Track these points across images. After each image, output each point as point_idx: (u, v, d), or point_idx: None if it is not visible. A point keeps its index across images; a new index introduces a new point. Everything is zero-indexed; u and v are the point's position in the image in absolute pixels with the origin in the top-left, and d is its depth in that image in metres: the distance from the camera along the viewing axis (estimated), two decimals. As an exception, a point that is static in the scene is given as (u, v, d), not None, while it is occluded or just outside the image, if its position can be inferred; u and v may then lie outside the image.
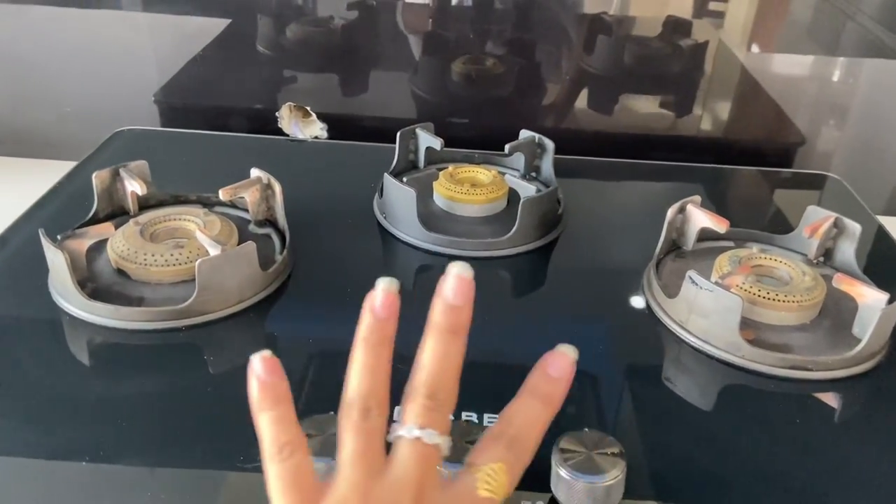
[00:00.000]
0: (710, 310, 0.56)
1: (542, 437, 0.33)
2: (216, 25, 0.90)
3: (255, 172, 0.67)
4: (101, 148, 0.84)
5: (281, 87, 0.94)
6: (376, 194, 0.74)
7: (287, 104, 0.90)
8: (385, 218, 0.71)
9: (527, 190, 0.68)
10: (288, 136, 0.91)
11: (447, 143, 0.76)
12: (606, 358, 0.56)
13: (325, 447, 0.40)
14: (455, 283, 0.33)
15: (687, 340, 0.57)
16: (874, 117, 0.92)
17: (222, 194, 0.64)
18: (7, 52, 0.91)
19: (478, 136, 0.90)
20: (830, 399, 0.54)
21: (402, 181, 0.68)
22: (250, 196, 0.66)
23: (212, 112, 0.94)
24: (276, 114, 0.91)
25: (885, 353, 0.57)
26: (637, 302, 0.63)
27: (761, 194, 0.86)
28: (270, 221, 0.68)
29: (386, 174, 0.69)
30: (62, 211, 0.70)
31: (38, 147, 0.92)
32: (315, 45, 0.92)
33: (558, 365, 0.34)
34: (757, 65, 0.92)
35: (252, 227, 0.68)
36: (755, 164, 0.90)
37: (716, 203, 0.80)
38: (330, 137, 0.91)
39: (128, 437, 0.47)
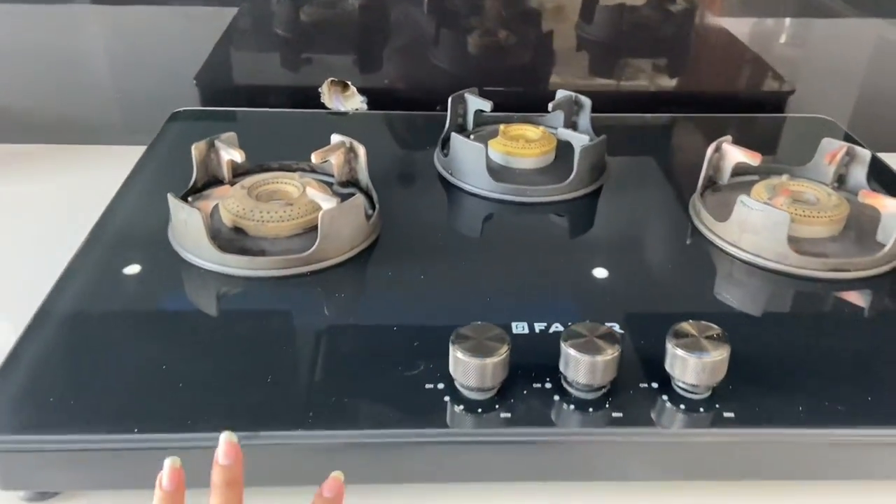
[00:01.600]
0: (760, 227, 0.65)
1: None
2: (230, 11, 0.96)
3: (336, 138, 0.73)
4: (165, 128, 0.89)
5: (313, 65, 1.00)
6: (436, 153, 0.82)
7: (328, 80, 0.97)
8: (451, 174, 0.79)
9: (578, 140, 0.77)
10: (330, 109, 0.97)
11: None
12: (666, 280, 0.65)
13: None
14: (224, 447, 0.39)
15: (739, 256, 0.67)
16: (858, 66, 1.03)
17: (314, 157, 0.70)
18: (53, 45, 0.95)
19: (499, 103, 0.98)
20: (866, 294, 0.64)
21: (469, 137, 0.76)
22: (336, 159, 0.73)
23: (250, 91, 1.00)
24: (319, 89, 0.97)
25: (905, 255, 0.67)
26: (686, 229, 0.72)
27: (768, 136, 0.97)
28: (352, 182, 0.75)
29: (454, 133, 0.77)
30: (158, 184, 0.75)
31: (88, 133, 0.97)
32: (349, 21, 0.98)
33: (330, 485, 0.40)
34: (743, 28, 1.02)
35: (336, 188, 0.75)
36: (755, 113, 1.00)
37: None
38: (370, 109, 0.98)
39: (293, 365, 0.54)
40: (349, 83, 0.97)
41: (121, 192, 0.75)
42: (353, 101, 0.98)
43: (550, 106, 0.83)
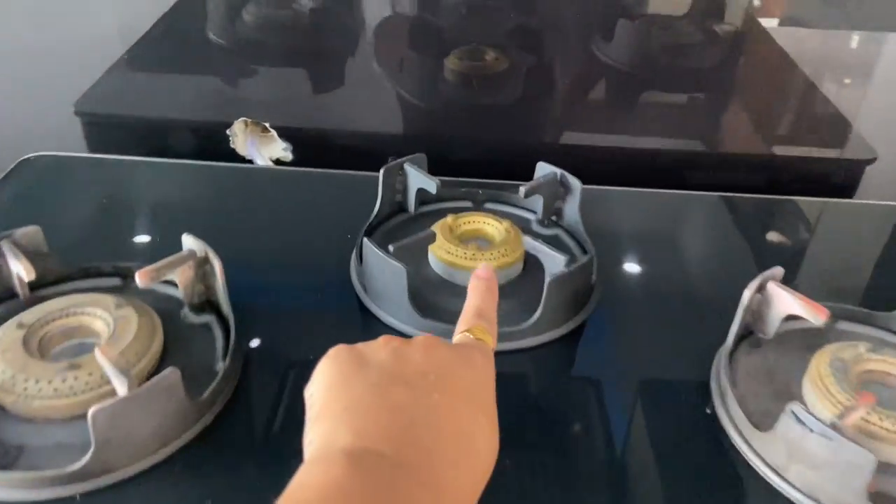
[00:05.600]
0: (822, 461, 0.40)
1: (496, 310, 0.39)
2: (146, 17, 0.71)
3: (187, 243, 0.49)
4: (2, 182, 0.66)
5: (233, 93, 0.75)
6: (353, 255, 0.57)
7: (241, 119, 0.72)
8: (366, 291, 0.54)
9: (550, 261, 0.51)
10: (245, 158, 0.73)
11: (442, 165, 0.60)
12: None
13: None
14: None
15: (786, 495, 0.41)
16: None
17: (139, 279, 0.46)
18: None
19: (481, 156, 0.73)
20: None
21: (387, 251, 0.50)
22: (181, 277, 0.49)
23: (145, 128, 0.75)
24: (228, 131, 0.73)
25: None
26: (704, 425, 0.46)
27: (834, 238, 0.70)
28: (212, 303, 0.51)
29: (366, 239, 0.52)
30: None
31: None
32: (275, 38, 0.73)
33: (483, 268, 0.41)
34: (810, 56, 0.75)
35: (186, 314, 0.51)
36: (813, 186, 0.73)
37: (784, 256, 0.64)
38: (295, 161, 0.73)
39: None
40: (268, 126, 0.72)
41: None
42: (274, 149, 0.73)
43: (523, 191, 0.58)
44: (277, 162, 0.73)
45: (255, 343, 0.50)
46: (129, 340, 0.45)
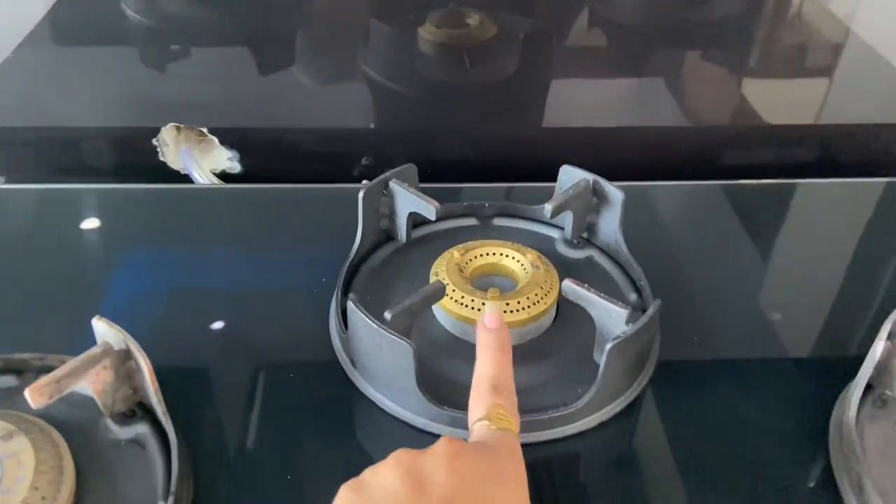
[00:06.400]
0: None
1: (512, 376, 0.33)
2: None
3: (100, 331, 0.35)
4: None
5: (158, 90, 0.59)
6: (333, 311, 0.43)
7: (171, 125, 0.57)
8: (354, 366, 0.40)
9: (604, 312, 0.38)
10: (179, 173, 0.58)
11: (426, 166, 0.46)
12: None
13: None
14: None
15: None
16: None
17: (31, 398, 0.32)
18: None
19: (474, 150, 0.59)
20: None
21: (383, 322, 0.36)
22: (94, 383, 0.34)
23: (42, 143, 0.59)
24: (154, 140, 0.57)
25: None
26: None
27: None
28: (145, 406, 0.37)
29: (351, 304, 0.37)
30: None
31: None
32: (208, 13, 0.57)
33: (490, 317, 0.35)
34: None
35: (108, 427, 0.36)
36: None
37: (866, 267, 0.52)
38: (244, 173, 0.58)
39: None
40: (205, 130, 0.57)
41: None
42: (216, 159, 0.58)
43: (549, 208, 0.44)
44: (222, 176, 0.58)
45: (209, 460, 0.36)
46: (24, 494, 0.31)
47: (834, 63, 0.63)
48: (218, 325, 0.43)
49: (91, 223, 0.51)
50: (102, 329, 0.35)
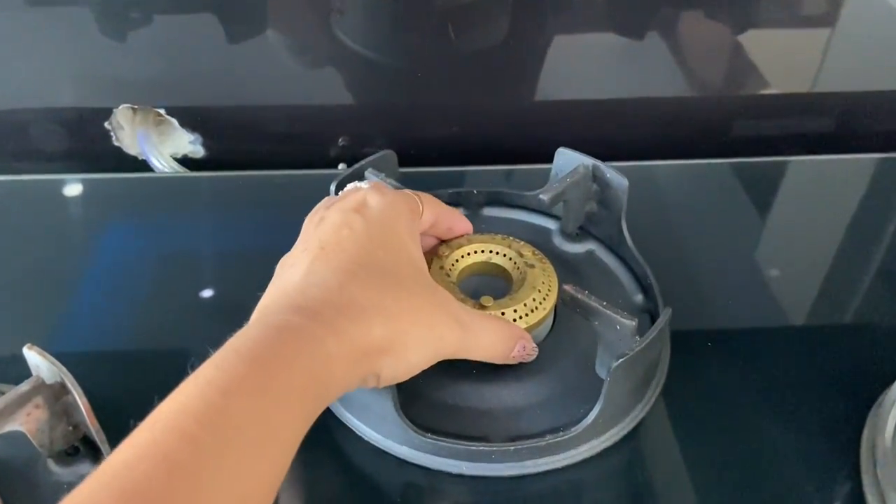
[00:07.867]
0: None
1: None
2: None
3: (32, 362, 0.30)
4: None
5: (108, 66, 0.54)
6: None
7: (125, 105, 0.51)
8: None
9: (608, 324, 0.33)
10: (137, 159, 0.53)
11: (408, 146, 0.41)
12: None
13: None
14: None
15: None
16: None
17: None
18: None
19: (460, 127, 0.55)
20: None
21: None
22: (27, 423, 0.30)
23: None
24: (107, 124, 0.52)
25: None
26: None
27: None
28: (89, 441, 0.32)
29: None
30: None
31: None
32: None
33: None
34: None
35: (50, 467, 0.32)
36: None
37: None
38: (208, 157, 0.53)
39: None
40: (163, 112, 0.52)
41: None
42: (176, 143, 0.53)
43: (546, 199, 0.39)
44: (184, 162, 0.53)
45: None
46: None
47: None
48: (181, 340, 0.39)
49: (33, 219, 0.46)
50: (35, 360, 0.30)
